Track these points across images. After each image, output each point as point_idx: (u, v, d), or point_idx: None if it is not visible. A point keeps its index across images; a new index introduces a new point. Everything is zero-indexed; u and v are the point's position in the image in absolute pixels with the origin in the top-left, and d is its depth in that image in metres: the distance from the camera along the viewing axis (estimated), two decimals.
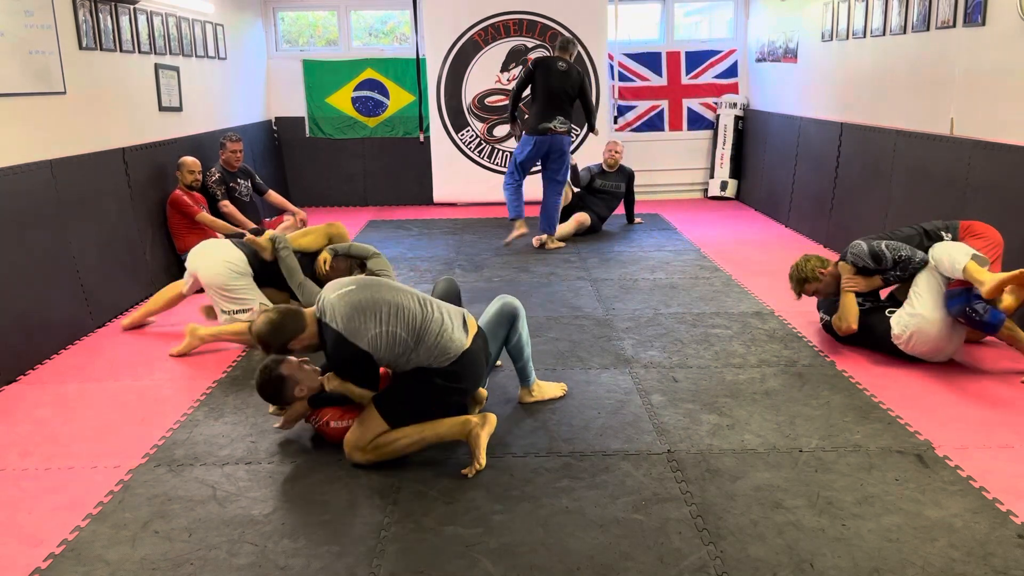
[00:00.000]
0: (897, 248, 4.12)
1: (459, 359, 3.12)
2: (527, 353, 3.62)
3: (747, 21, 9.10)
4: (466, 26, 8.59)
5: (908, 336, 4.00)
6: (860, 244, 4.20)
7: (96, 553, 2.62)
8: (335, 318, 3.00)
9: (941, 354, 4.03)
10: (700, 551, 2.56)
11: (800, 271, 4.39)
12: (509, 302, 3.55)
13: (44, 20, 4.71)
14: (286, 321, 3.08)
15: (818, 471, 3.04)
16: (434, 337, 3.08)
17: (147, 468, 3.18)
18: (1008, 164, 4.53)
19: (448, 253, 6.78)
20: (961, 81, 5.05)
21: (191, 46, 6.89)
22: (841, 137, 6.63)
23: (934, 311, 3.94)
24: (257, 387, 3.26)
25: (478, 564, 2.52)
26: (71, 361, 4.40)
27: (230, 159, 6.71)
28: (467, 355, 3.15)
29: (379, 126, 9.17)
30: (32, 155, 4.56)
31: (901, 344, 4.05)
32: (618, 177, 7.60)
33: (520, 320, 3.55)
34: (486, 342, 3.37)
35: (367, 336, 3.00)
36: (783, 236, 7.28)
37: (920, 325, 3.95)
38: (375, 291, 3.10)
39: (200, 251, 4.73)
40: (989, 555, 2.49)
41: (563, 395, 3.75)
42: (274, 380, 3.21)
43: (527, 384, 3.69)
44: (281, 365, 3.22)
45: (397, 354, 3.07)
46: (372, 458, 3.10)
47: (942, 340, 3.96)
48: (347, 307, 3.02)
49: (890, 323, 4.09)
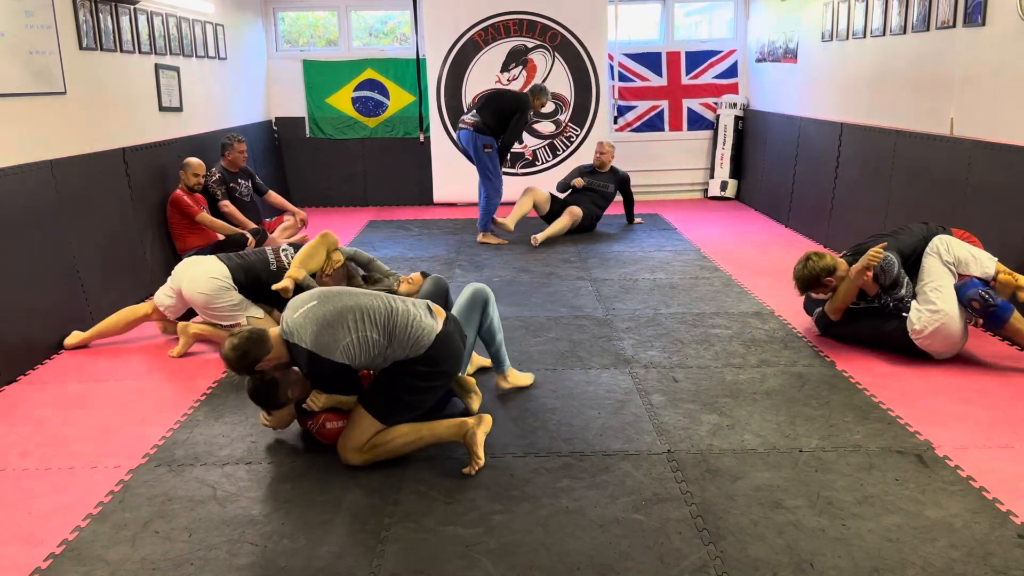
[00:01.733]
0: (908, 287, 4.15)
1: (434, 344, 3.09)
2: (499, 338, 3.77)
3: (747, 21, 9.10)
4: (466, 26, 8.59)
5: (931, 332, 3.98)
6: (893, 262, 4.14)
7: (96, 553, 2.62)
8: (303, 338, 2.97)
9: (955, 350, 4.06)
10: (700, 551, 2.56)
11: (810, 273, 4.27)
12: (479, 288, 3.72)
13: (44, 20, 4.71)
14: (249, 347, 3.02)
15: (818, 471, 3.04)
16: (405, 329, 3.06)
17: (147, 468, 3.18)
18: (1008, 164, 4.53)
19: (448, 253, 6.78)
20: (961, 81, 5.05)
21: (191, 46, 6.89)
22: (841, 137, 6.63)
23: (956, 308, 3.97)
24: (250, 394, 3.20)
25: (478, 564, 2.52)
26: (71, 361, 4.40)
27: (237, 159, 6.72)
28: (441, 339, 3.12)
29: (379, 126, 9.17)
30: (32, 155, 4.56)
31: (920, 340, 4.03)
32: (608, 178, 7.61)
33: (491, 305, 3.72)
34: (459, 325, 3.37)
35: (339, 347, 2.98)
36: (783, 236, 7.28)
37: (944, 321, 3.96)
38: (337, 301, 3.07)
39: (184, 266, 4.59)
40: (989, 555, 2.49)
41: (531, 384, 3.89)
42: (267, 383, 3.17)
43: (502, 370, 3.81)
44: (273, 369, 3.20)
45: (373, 356, 3.06)
46: (369, 458, 3.11)
47: (962, 337, 4.01)
48: (313, 324, 2.99)
49: (906, 318, 4.08)
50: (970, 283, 3.99)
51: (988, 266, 4.04)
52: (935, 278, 4.04)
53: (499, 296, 5.39)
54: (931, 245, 4.13)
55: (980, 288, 3.94)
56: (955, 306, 3.97)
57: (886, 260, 4.12)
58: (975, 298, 3.92)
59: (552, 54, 8.67)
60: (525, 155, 8.87)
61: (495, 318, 3.74)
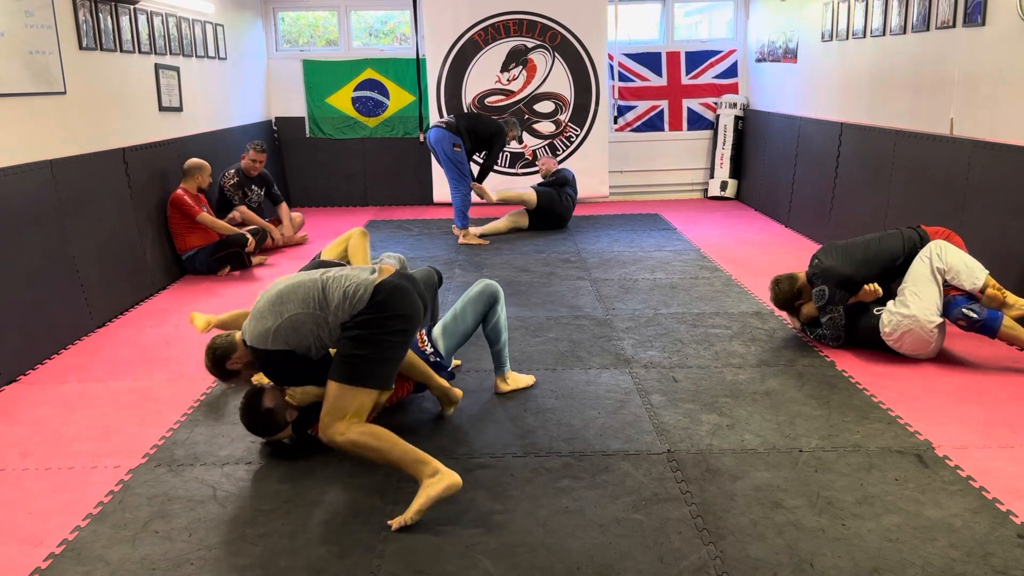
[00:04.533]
0: (832, 317, 4.24)
1: (375, 292, 2.94)
2: (504, 338, 3.78)
3: (747, 21, 9.10)
4: (466, 26, 8.59)
5: (899, 335, 4.05)
6: (823, 294, 4.24)
7: (96, 553, 2.62)
8: (246, 336, 3.04)
9: (928, 353, 4.09)
10: (700, 551, 2.56)
11: (777, 299, 4.51)
12: (491, 284, 3.74)
13: (44, 20, 4.71)
14: (218, 345, 3.13)
15: (818, 471, 3.04)
16: (339, 291, 2.96)
17: (147, 468, 3.18)
18: (1008, 164, 4.53)
19: (448, 253, 6.78)
20: (961, 81, 5.05)
21: (191, 46, 6.89)
22: (841, 137, 6.63)
23: (929, 314, 3.98)
24: (249, 427, 3.23)
25: (478, 564, 2.52)
26: (71, 361, 4.40)
27: (249, 167, 6.75)
28: (383, 286, 2.96)
29: (379, 126, 9.17)
30: (32, 155, 4.56)
31: (890, 341, 4.11)
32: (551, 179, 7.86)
33: (500, 304, 3.73)
34: (415, 281, 3.17)
35: (270, 335, 2.95)
36: (783, 236, 7.28)
37: (911, 327, 4.01)
38: (268, 292, 3.08)
39: None
40: (989, 555, 2.49)
41: (533, 384, 3.89)
42: (263, 415, 3.19)
43: (502, 371, 3.81)
44: (263, 398, 3.20)
45: (317, 333, 2.96)
46: (348, 444, 2.84)
47: (935, 342, 4.04)
48: (250, 321, 3.04)
49: (878, 320, 4.14)
50: (953, 302, 4.01)
51: (979, 277, 4.00)
52: (916, 283, 4.06)
53: None
54: (926, 248, 4.13)
55: (963, 306, 3.96)
56: (930, 312, 3.99)
57: (817, 293, 4.27)
58: (959, 317, 3.98)
59: (552, 54, 8.67)
60: (525, 155, 8.87)
61: (502, 318, 3.74)
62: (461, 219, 7.24)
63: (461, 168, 7.16)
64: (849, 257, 4.27)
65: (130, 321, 5.09)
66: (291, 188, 9.13)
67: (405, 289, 3.02)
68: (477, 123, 7.34)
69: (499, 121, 7.49)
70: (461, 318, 3.69)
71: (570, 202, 7.75)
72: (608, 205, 9.02)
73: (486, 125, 7.35)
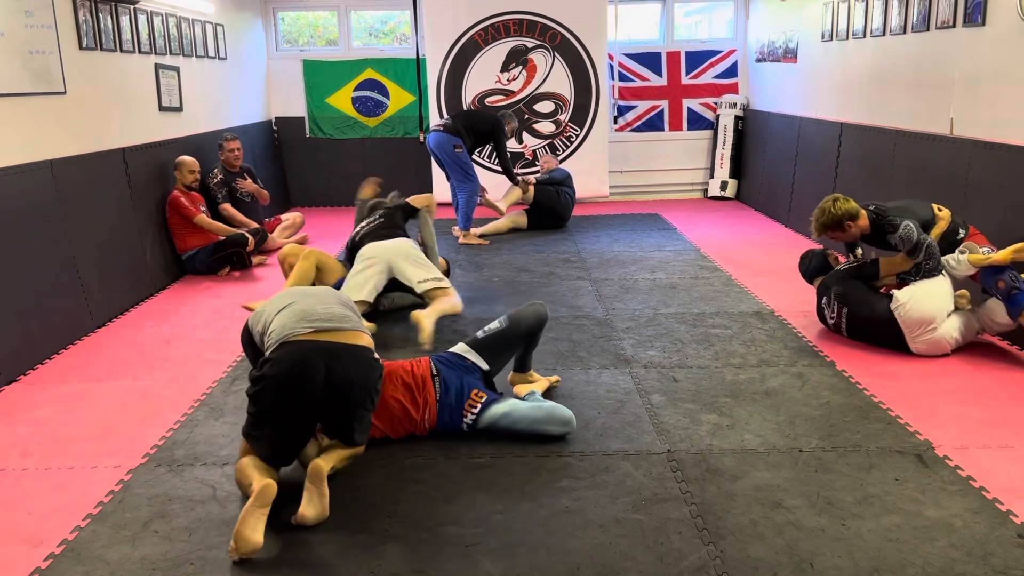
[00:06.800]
0: (929, 244, 4.16)
1: (278, 348, 2.77)
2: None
3: (747, 21, 9.10)
4: (466, 26, 8.59)
5: (907, 299, 4.09)
6: (910, 225, 4.13)
7: (96, 553, 2.62)
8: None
9: (928, 336, 4.11)
10: (700, 551, 2.56)
11: (830, 217, 4.26)
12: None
13: (44, 20, 4.71)
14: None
15: (818, 471, 3.04)
16: (271, 314, 2.92)
17: (147, 468, 3.18)
18: (1008, 164, 4.53)
19: (448, 253, 6.77)
20: (961, 81, 5.05)
21: (191, 46, 6.89)
22: (841, 137, 6.63)
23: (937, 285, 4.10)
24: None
25: (478, 564, 2.52)
26: (71, 361, 4.40)
27: (229, 158, 6.72)
28: (287, 345, 2.76)
29: (379, 126, 9.17)
30: (32, 155, 4.56)
31: (899, 311, 4.12)
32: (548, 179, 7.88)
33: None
34: (361, 366, 2.85)
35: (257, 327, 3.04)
36: (783, 236, 7.28)
37: (915, 294, 4.09)
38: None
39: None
40: (989, 555, 2.49)
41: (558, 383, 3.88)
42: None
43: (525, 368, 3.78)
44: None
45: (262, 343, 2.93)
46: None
47: (933, 312, 4.07)
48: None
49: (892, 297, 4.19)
50: (991, 270, 4.08)
51: (961, 263, 4.15)
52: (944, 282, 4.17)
53: (499, 296, 5.42)
54: (965, 244, 4.22)
55: (1011, 272, 4.01)
56: (939, 291, 4.10)
57: (905, 228, 4.12)
58: (1003, 278, 4.01)
59: (552, 54, 8.67)
60: (525, 155, 8.87)
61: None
62: (465, 220, 7.22)
63: (466, 169, 7.14)
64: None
65: (130, 321, 5.09)
66: (291, 188, 9.13)
67: (301, 363, 2.72)
68: (474, 119, 7.35)
69: (495, 114, 7.51)
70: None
71: (569, 201, 7.75)
72: (608, 205, 9.02)
73: (483, 119, 7.36)
